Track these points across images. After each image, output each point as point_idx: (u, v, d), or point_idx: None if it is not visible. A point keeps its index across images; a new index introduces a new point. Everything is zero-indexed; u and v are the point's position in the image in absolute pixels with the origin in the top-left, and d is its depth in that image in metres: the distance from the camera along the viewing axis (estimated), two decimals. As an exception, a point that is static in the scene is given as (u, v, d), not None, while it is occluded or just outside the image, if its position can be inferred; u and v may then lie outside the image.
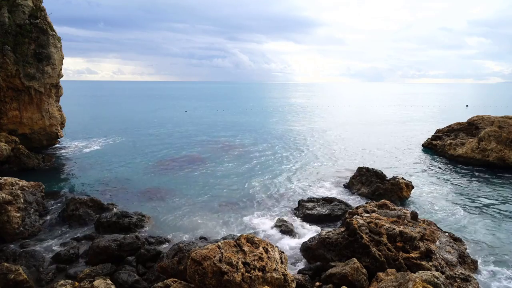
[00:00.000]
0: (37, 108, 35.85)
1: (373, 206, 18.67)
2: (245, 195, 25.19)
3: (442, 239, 16.00)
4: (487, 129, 34.69)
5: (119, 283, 13.73)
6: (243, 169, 32.29)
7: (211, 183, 27.95)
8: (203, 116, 78.46)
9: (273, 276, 11.46)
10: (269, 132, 54.73)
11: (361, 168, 26.81)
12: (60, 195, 24.71)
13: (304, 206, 21.66)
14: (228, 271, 11.04)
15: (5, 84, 33.09)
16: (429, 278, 10.85)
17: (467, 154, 34.59)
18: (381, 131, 56.45)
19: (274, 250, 12.58)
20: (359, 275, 13.23)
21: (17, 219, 17.99)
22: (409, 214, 17.36)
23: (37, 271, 14.96)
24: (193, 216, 21.35)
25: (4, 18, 32.62)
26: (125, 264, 15.43)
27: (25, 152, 31.44)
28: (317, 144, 44.84)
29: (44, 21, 35.30)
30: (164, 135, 50.77)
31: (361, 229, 15.33)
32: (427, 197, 24.85)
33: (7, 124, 34.13)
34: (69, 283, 13.09)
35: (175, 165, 33.61)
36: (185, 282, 12.11)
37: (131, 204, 23.12)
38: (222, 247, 11.82)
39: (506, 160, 31.98)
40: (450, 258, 14.56)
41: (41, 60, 34.58)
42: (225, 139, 47.62)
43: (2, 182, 19.60)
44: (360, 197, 24.62)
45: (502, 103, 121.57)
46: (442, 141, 39.19)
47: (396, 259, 14.09)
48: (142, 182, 28.05)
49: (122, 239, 16.50)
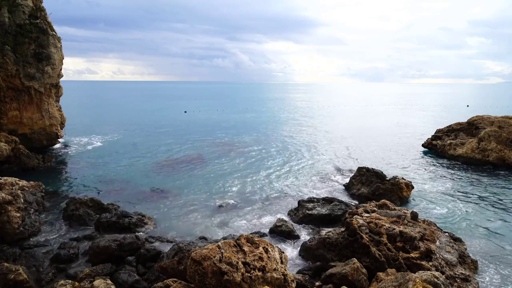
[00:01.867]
0: (37, 108, 35.86)
1: (373, 206, 18.66)
2: (245, 195, 25.20)
3: (442, 239, 16.00)
4: (487, 129, 34.69)
5: (119, 283, 13.73)
6: (243, 169, 32.28)
7: (211, 183, 27.95)
8: (203, 116, 78.47)
9: (273, 276, 11.46)
10: (269, 132, 54.74)
11: (361, 168, 26.81)
12: (60, 195, 24.72)
13: (304, 206, 21.65)
14: (228, 271, 11.04)
15: (5, 84, 33.09)
16: (429, 278, 10.84)
17: (467, 154, 34.58)
18: (381, 131, 56.46)
19: (274, 250, 12.58)
20: (359, 275, 13.22)
21: (17, 219, 17.98)
22: (409, 214, 17.36)
23: (37, 271, 14.95)
24: (193, 216, 21.35)
25: (4, 18, 32.63)
26: (125, 264, 15.43)
27: (25, 152, 31.43)
28: (317, 144, 44.84)
29: (44, 21, 35.31)
30: (164, 135, 50.78)
31: (361, 229, 15.33)
32: (427, 197, 24.85)
33: (7, 124, 34.13)
34: (69, 283, 13.09)
35: (175, 165, 33.61)
36: (185, 282, 12.11)
37: (131, 204, 23.12)
38: (222, 247, 11.82)
39: (506, 160, 31.98)
40: (450, 258, 14.55)
41: (41, 60, 34.59)
42: (225, 139, 47.62)
43: (2, 182, 19.60)
44: (360, 197, 24.62)
45: (502, 103, 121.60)
46: (442, 141, 39.17)
47: (396, 259, 14.09)
48: (142, 182, 28.05)
49: (122, 239, 16.50)
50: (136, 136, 49.46)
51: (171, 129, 57.37)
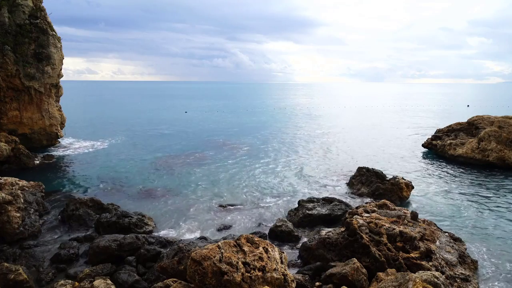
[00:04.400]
0: (37, 108, 35.87)
1: (373, 206, 18.66)
2: (245, 195, 25.20)
3: (442, 239, 16.00)
4: (487, 129, 34.68)
5: (119, 283, 13.73)
6: (243, 169, 32.29)
7: (211, 183, 27.95)
8: (203, 116, 78.48)
9: (273, 276, 11.46)
10: (269, 132, 54.75)
11: (361, 168, 26.80)
12: (60, 195, 24.71)
13: (304, 206, 21.64)
14: (228, 271, 11.03)
15: (5, 84, 33.10)
16: (429, 278, 10.84)
17: (467, 154, 34.58)
18: (381, 131, 56.45)
19: (274, 250, 12.58)
20: (359, 275, 13.22)
21: (17, 219, 17.98)
22: (409, 214, 17.36)
23: (37, 271, 14.95)
24: (193, 216, 21.36)
25: (4, 18, 32.63)
26: (125, 264, 15.42)
27: (25, 152, 31.44)
28: (317, 144, 44.85)
29: (44, 21, 35.32)
30: (164, 135, 50.80)
31: (361, 229, 15.32)
32: (427, 197, 24.85)
33: (7, 124, 34.15)
34: (69, 283, 13.08)
35: (175, 165, 33.61)
36: (185, 282, 12.10)
37: (131, 204, 23.12)
38: (222, 247, 11.82)
39: (506, 160, 31.97)
40: (450, 258, 14.55)
41: (41, 60, 34.60)
42: (225, 139, 47.63)
43: (2, 182, 19.61)
44: (360, 197, 24.63)
45: (502, 103, 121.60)
46: (442, 141, 39.17)
47: (396, 259, 14.08)
48: (143, 182, 28.05)
49: (122, 239, 16.49)
50: (136, 136, 49.46)
51: (171, 129, 57.38)
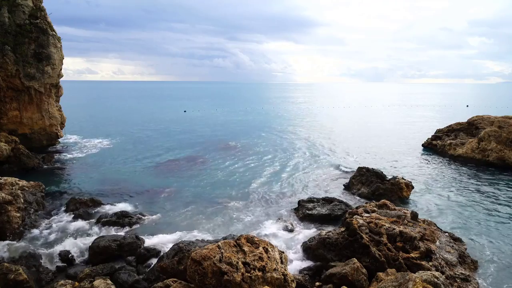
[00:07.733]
0: (37, 108, 35.87)
1: (373, 206, 18.67)
2: (245, 195, 25.19)
3: (442, 239, 16.00)
4: (487, 129, 34.68)
5: (119, 283, 13.73)
6: (243, 169, 32.28)
7: (211, 183, 27.95)
8: (203, 116, 78.46)
9: (273, 276, 11.46)
10: (269, 132, 54.73)
11: (361, 168, 26.80)
12: (60, 195, 24.70)
13: (304, 206, 21.65)
14: (228, 271, 11.04)
15: (5, 84, 33.10)
16: (429, 278, 10.84)
17: (467, 154, 34.58)
18: (381, 131, 56.44)
19: (274, 250, 12.58)
20: (359, 275, 13.23)
21: (17, 219, 17.99)
22: (409, 214, 17.36)
23: (37, 271, 14.94)
24: (193, 216, 21.35)
25: (4, 18, 32.63)
26: (125, 264, 15.44)
27: (25, 152, 31.43)
28: (317, 144, 44.84)
29: (44, 21, 35.31)
30: (164, 135, 50.77)
31: (361, 229, 15.33)
32: (427, 197, 24.84)
33: (7, 124, 34.15)
34: (69, 283, 13.09)
35: (175, 165, 33.62)
36: (185, 282, 12.11)
37: (131, 204, 23.12)
38: (222, 247, 11.82)
39: (506, 160, 31.97)
40: (450, 258, 14.56)
41: (41, 60, 34.59)
42: (225, 139, 47.61)
43: (2, 182, 19.61)
44: (360, 197, 24.62)
45: (502, 103, 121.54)
46: (442, 141, 39.18)
47: (396, 259, 14.09)
48: (142, 182, 28.05)
49: (122, 239, 16.51)
50: (136, 136, 49.45)
51: (171, 128, 57.37)
